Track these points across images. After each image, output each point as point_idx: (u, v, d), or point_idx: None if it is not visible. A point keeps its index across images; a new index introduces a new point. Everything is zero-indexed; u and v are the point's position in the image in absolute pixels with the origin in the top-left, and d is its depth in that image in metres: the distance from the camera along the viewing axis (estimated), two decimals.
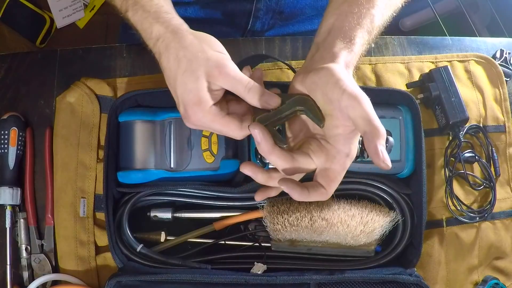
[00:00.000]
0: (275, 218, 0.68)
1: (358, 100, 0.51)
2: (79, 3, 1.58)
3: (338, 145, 0.55)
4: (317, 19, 0.95)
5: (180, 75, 0.56)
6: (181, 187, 0.69)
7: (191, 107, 0.56)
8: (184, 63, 0.56)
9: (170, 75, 0.58)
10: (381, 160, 0.50)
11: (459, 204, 0.75)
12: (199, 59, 0.56)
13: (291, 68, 0.80)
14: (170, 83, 0.58)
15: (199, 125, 0.58)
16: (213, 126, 0.57)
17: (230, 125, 0.57)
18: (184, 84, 0.56)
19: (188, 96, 0.56)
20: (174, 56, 0.57)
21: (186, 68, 0.56)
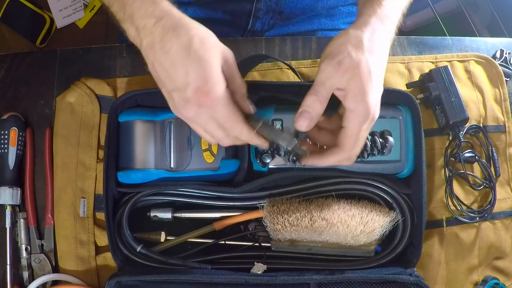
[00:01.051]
0: (275, 218, 0.68)
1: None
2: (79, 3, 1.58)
3: (349, 104, 0.56)
4: (317, 19, 0.95)
5: (194, 53, 0.52)
6: (181, 187, 0.69)
7: (210, 86, 0.52)
8: (197, 42, 0.52)
9: (176, 46, 0.52)
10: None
11: (459, 204, 0.75)
12: (211, 40, 0.54)
13: (291, 68, 0.80)
14: (167, 68, 0.53)
15: (201, 110, 0.53)
16: (220, 114, 0.54)
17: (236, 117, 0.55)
18: (197, 61, 0.52)
19: (205, 71, 0.52)
20: (185, 34, 0.52)
21: (199, 46, 0.52)
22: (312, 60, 0.82)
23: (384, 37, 0.59)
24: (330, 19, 0.96)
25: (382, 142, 0.68)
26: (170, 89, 0.54)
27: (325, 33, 0.96)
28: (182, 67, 0.52)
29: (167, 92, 0.55)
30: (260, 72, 0.80)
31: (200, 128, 0.57)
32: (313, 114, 0.56)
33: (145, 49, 0.55)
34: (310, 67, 0.81)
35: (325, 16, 0.96)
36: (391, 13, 0.61)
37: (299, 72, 0.80)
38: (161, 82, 0.55)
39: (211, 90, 0.52)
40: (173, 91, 0.54)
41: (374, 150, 0.67)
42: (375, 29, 0.58)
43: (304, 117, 0.56)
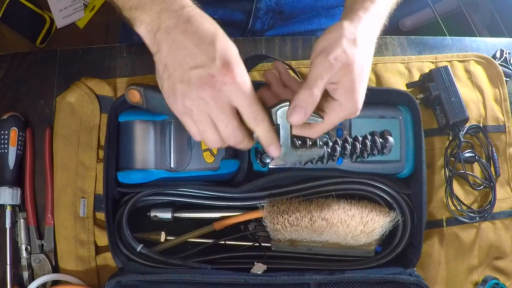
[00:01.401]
0: (275, 218, 0.68)
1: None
2: (79, 3, 1.58)
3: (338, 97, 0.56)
4: (317, 19, 0.95)
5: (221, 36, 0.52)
6: (181, 187, 0.69)
7: (236, 64, 0.51)
8: (221, 31, 0.53)
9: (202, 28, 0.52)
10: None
11: (459, 204, 0.75)
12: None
13: (291, 68, 0.79)
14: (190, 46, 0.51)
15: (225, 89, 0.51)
16: (243, 96, 0.52)
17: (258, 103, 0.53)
18: (225, 43, 0.52)
19: (232, 52, 0.52)
20: (211, 23, 0.53)
21: (224, 34, 0.53)
22: None
23: (374, 34, 0.60)
24: (330, 19, 0.96)
25: (382, 142, 0.68)
26: (190, 66, 0.51)
27: None
28: (209, 45, 0.51)
29: (183, 72, 0.52)
30: (260, 72, 0.80)
31: (207, 117, 0.53)
32: (307, 109, 0.55)
33: (165, 31, 0.53)
34: (310, 67, 0.81)
35: (325, 16, 0.96)
36: (381, 10, 0.62)
37: (299, 72, 0.80)
38: (177, 62, 0.52)
39: (237, 67, 0.51)
40: (194, 68, 0.51)
41: (374, 150, 0.67)
42: (367, 26, 0.58)
43: (297, 112, 0.55)
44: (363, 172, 0.70)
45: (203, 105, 0.52)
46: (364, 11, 0.59)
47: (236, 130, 0.54)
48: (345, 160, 0.69)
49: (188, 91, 0.51)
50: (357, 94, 0.55)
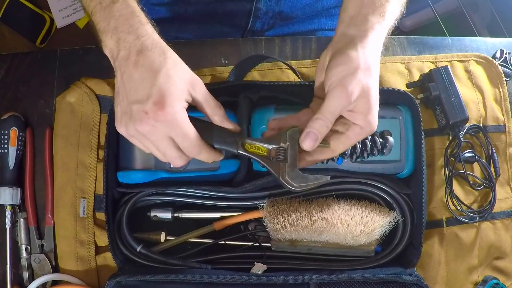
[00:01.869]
0: (275, 218, 0.68)
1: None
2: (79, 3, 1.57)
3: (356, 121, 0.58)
4: (317, 19, 0.95)
5: (165, 70, 0.54)
6: (181, 187, 0.69)
7: (169, 101, 0.53)
8: (170, 62, 0.55)
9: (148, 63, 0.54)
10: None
11: (459, 204, 0.75)
12: (183, 66, 0.57)
13: (291, 68, 0.80)
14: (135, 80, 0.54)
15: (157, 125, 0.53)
16: (176, 131, 0.54)
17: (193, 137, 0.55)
18: (164, 78, 0.53)
19: (169, 89, 0.53)
20: (160, 51, 0.55)
21: (171, 67, 0.55)
22: (312, 60, 0.82)
23: (379, 53, 0.61)
24: (330, 19, 0.96)
25: (382, 142, 0.68)
26: (132, 100, 0.54)
27: (325, 33, 0.96)
28: (149, 81, 0.54)
29: (127, 104, 0.55)
30: (260, 72, 0.80)
31: (151, 144, 0.56)
32: (319, 137, 0.57)
33: (119, 60, 0.56)
34: (310, 67, 0.81)
35: (325, 16, 0.96)
36: (387, 28, 0.62)
37: (299, 72, 0.80)
38: (125, 93, 0.55)
39: (169, 105, 0.53)
40: (134, 103, 0.54)
41: (374, 150, 0.67)
42: (376, 48, 0.60)
43: (311, 138, 0.57)
44: (363, 172, 0.70)
45: (143, 137, 0.55)
46: (373, 31, 0.60)
47: (176, 158, 0.57)
48: (345, 160, 0.69)
49: (129, 123, 0.54)
50: (374, 117, 0.58)
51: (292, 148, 0.58)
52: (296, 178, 0.58)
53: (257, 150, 0.59)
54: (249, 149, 0.59)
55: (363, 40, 0.59)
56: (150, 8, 0.93)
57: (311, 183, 0.58)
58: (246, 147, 0.59)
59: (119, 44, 0.56)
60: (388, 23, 0.62)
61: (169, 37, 0.90)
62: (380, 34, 0.61)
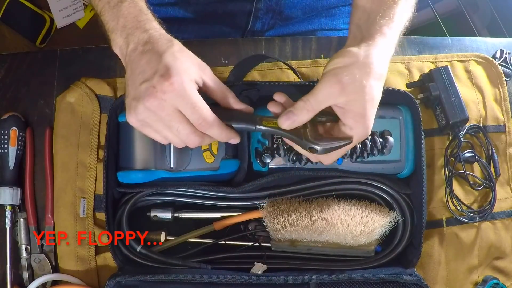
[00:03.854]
0: (275, 218, 0.68)
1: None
2: (79, 3, 1.57)
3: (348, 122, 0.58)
4: (317, 19, 0.95)
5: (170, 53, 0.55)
6: (181, 187, 0.69)
7: (175, 72, 0.53)
8: (176, 47, 0.56)
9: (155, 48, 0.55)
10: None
11: (459, 204, 0.75)
12: (190, 53, 0.58)
13: (291, 68, 0.80)
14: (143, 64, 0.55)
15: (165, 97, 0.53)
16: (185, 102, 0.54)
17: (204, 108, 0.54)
18: (170, 57, 0.54)
19: (175, 63, 0.54)
20: (167, 39, 0.56)
21: (177, 50, 0.55)
22: (312, 60, 0.82)
23: (387, 58, 0.60)
24: (330, 19, 0.96)
25: (382, 142, 0.68)
26: (140, 82, 0.54)
27: (325, 33, 0.96)
28: (156, 60, 0.54)
29: (136, 89, 0.55)
30: (260, 72, 0.80)
31: (162, 125, 0.56)
32: (296, 119, 0.56)
33: (129, 53, 0.57)
34: (310, 67, 0.81)
35: (325, 16, 0.96)
36: (396, 31, 0.62)
37: (299, 72, 0.80)
38: (133, 80, 0.56)
39: (176, 75, 0.53)
40: (142, 83, 0.54)
41: (374, 150, 0.67)
42: (383, 52, 0.58)
43: (288, 117, 0.57)
44: (363, 172, 0.70)
45: (153, 115, 0.55)
46: (381, 35, 0.59)
47: (190, 134, 0.56)
48: (345, 160, 0.69)
49: (138, 106, 0.54)
50: (367, 120, 0.57)
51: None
52: (319, 139, 0.57)
53: (275, 125, 0.59)
54: (266, 124, 0.59)
55: (369, 40, 0.58)
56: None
57: (334, 142, 0.57)
58: (264, 123, 0.59)
59: (128, 40, 0.57)
60: (397, 25, 0.61)
61: None
62: (389, 37, 0.60)
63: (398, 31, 0.62)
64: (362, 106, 0.56)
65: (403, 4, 0.63)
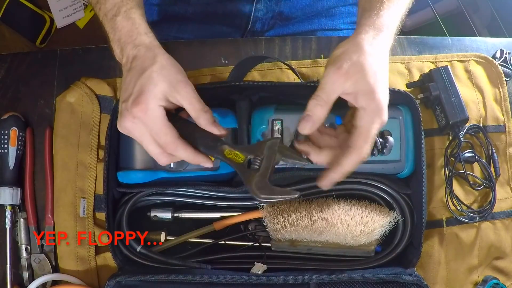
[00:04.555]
0: (275, 218, 0.68)
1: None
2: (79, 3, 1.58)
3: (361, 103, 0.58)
4: (317, 19, 0.95)
5: (149, 73, 0.58)
6: (181, 187, 0.69)
7: (144, 98, 0.57)
8: (156, 66, 0.58)
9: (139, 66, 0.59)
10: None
11: (459, 204, 0.75)
12: (172, 69, 0.59)
13: (291, 68, 0.80)
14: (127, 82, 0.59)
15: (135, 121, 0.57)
16: (152, 126, 0.57)
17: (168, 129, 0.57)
18: (146, 79, 0.57)
19: (148, 87, 0.57)
20: (151, 56, 0.59)
21: (156, 69, 0.58)
22: (312, 60, 0.82)
23: (383, 43, 0.61)
24: (330, 19, 0.96)
25: (382, 142, 0.68)
26: (122, 100, 0.59)
27: (325, 33, 0.96)
28: (134, 81, 0.58)
29: (120, 104, 0.60)
30: (260, 72, 0.80)
31: (139, 141, 0.59)
32: (314, 118, 0.58)
33: (123, 66, 0.62)
34: (310, 67, 0.81)
35: (325, 16, 0.96)
36: (389, 21, 0.63)
37: (299, 72, 0.80)
38: (121, 92, 0.60)
39: (144, 102, 0.56)
40: (122, 102, 0.59)
41: (374, 150, 0.67)
42: (374, 36, 0.60)
43: (305, 120, 0.58)
44: (363, 172, 0.70)
45: (130, 132, 0.59)
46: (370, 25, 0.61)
47: (159, 154, 0.59)
48: None
49: (120, 121, 0.59)
50: (377, 95, 0.57)
51: (267, 158, 0.59)
52: (262, 188, 0.58)
53: (235, 157, 0.61)
54: (227, 154, 0.61)
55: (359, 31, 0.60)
56: (150, 8, 0.93)
57: (277, 196, 0.58)
58: (226, 152, 0.61)
59: (122, 53, 0.62)
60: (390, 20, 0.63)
61: (169, 37, 0.90)
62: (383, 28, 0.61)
63: (391, 19, 0.63)
64: (367, 82, 0.57)
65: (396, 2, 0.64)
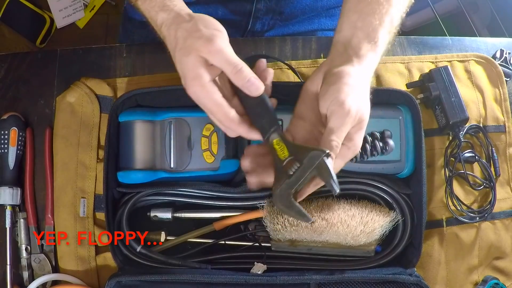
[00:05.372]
0: (275, 218, 0.68)
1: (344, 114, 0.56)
2: (79, 3, 1.58)
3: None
4: (317, 19, 0.95)
5: (177, 52, 0.59)
6: (181, 187, 0.69)
7: (188, 80, 0.58)
8: (180, 41, 0.59)
9: (171, 54, 0.61)
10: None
11: (459, 204, 0.75)
12: (192, 37, 0.58)
13: (291, 68, 0.80)
14: (173, 60, 0.61)
15: (195, 98, 0.59)
16: (205, 102, 0.58)
17: (221, 107, 0.57)
18: (180, 61, 0.59)
19: (184, 71, 0.58)
20: (173, 36, 0.60)
21: (181, 46, 0.59)
22: (312, 60, 0.82)
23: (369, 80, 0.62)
24: (330, 19, 0.96)
25: (382, 146, 0.68)
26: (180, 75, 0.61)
27: (325, 33, 0.96)
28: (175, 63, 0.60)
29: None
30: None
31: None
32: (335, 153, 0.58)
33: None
34: (310, 67, 0.81)
35: (325, 16, 0.96)
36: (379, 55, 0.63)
37: (299, 72, 0.80)
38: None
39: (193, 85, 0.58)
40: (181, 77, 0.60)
41: (374, 152, 0.68)
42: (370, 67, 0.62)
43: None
44: (363, 172, 0.70)
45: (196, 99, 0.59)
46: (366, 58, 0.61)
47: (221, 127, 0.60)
48: None
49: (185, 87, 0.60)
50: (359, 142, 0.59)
51: (303, 170, 0.55)
52: (283, 199, 0.56)
53: (280, 151, 0.58)
54: (275, 144, 0.58)
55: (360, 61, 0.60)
56: None
57: (293, 214, 0.57)
58: (275, 142, 0.58)
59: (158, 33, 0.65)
60: (381, 49, 0.63)
61: None
62: (373, 61, 0.62)
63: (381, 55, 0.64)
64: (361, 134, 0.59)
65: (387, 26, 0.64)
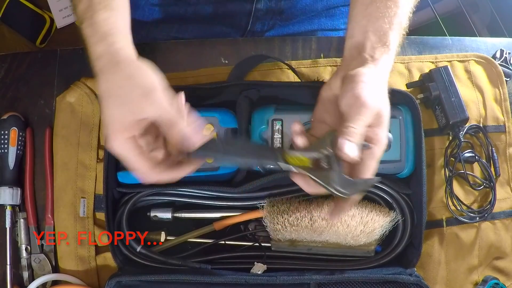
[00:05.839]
0: (275, 218, 0.68)
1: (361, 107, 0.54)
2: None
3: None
4: (317, 19, 0.95)
5: (109, 99, 0.54)
6: (181, 187, 0.69)
7: (111, 133, 0.54)
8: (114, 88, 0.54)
9: (100, 94, 0.56)
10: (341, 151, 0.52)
11: (459, 204, 0.75)
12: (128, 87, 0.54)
13: (291, 68, 0.80)
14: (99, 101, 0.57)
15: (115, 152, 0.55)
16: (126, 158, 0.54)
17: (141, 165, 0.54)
18: (108, 107, 0.54)
19: (110, 119, 0.54)
20: (105, 79, 0.55)
21: (114, 94, 0.54)
22: (312, 60, 0.82)
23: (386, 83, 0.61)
24: (330, 19, 0.96)
25: None
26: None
27: (325, 33, 0.96)
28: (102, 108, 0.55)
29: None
30: (260, 72, 0.80)
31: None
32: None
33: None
34: (310, 67, 0.81)
35: (325, 16, 0.96)
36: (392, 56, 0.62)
37: (299, 72, 0.80)
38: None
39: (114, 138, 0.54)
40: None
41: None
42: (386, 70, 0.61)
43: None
44: None
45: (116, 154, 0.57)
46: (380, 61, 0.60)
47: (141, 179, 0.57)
48: None
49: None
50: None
51: (330, 154, 0.53)
52: (346, 185, 0.52)
53: (299, 162, 0.53)
54: (291, 161, 0.53)
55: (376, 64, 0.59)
56: (150, 8, 0.93)
57: (361, 187, 0.54)
58: (288, 160, 0.53)
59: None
60: (393, 52, 0.62)
61: (169, 37, 0.90)
62: (387, 64, 0.61)
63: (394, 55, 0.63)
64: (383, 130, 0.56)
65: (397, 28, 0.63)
